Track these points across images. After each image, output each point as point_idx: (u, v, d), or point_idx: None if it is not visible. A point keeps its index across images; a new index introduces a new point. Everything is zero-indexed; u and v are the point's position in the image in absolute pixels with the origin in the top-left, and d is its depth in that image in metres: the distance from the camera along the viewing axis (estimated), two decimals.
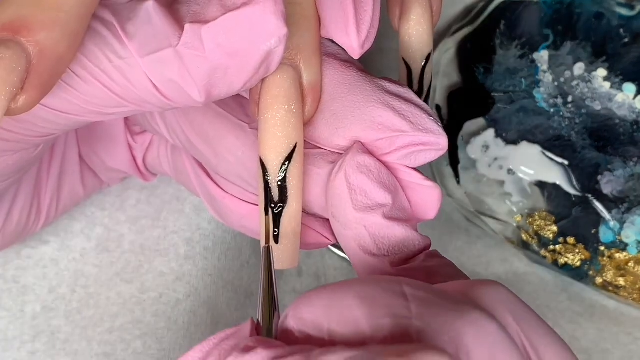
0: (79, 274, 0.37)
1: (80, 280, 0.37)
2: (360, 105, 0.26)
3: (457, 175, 0.41)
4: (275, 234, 0.26)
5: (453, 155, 0.41)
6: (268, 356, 0.20)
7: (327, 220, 0.28)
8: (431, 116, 0.26)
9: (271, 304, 0.25)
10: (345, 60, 0.27)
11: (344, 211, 0.26)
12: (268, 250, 0.26)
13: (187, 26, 0.23)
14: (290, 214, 0.26)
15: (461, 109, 0.42)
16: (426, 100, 0.32)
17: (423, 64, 0.31)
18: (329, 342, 0.21)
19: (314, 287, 0.40)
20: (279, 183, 0.26)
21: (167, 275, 0.38)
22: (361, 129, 0.26)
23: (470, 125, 0.41)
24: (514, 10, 0.42)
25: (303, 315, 0.21)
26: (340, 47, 0.28)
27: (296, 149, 0.26)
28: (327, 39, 0.28)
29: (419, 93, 0.31)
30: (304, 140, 0.27)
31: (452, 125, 0.42)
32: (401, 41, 0.30)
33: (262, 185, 0.26)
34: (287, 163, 0.26)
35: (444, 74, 0.42)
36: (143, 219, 0.39)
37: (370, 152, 0.26)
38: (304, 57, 0.26)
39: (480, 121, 0.41)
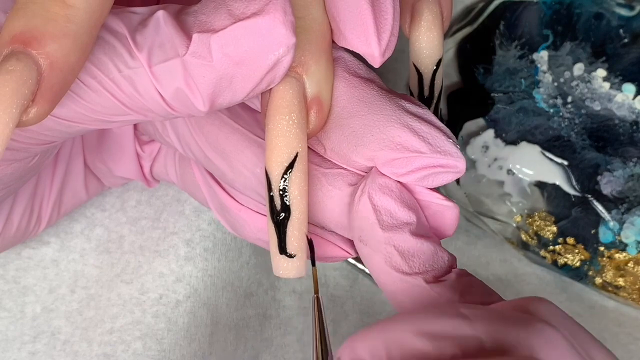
0: (79, 275, 0.37)
1: (80, 281, 0.37)
2: (380, 125, 0.26)
3: None
4: (281, 243, 0.27)
5: None
6: None
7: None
8: (450, 138, 0.26)
9: (324, 349, 0.26)
10: (367, 78, 0.28)
11: (372, 232, 0.26)
12: (318, 300, 0.27)
13: (195, 36, 0.24)
14: (293, 223, 0.27)
15: (461, 109, 0.42)
16: (437, 105, 0.32)
17: (434, 69, 0.31)
18: None
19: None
20: (281, 192, 0.26)
21: (166, 276, 0.38)
22: (379, 148, 0.26)
23: (470, 126, 0.41)
24: (513, 11, 0.42)
25: (358, 351, 0.22)
26: (360, 62, 0.28)
27: (298, 159, 0.26)
28: (347, 52, 0.28)
29: (429, 98, 0.31)
30: (325, 158, 0.28)
31: (451, 125, 0.42)
32: (412, 47, 0.31)
33: (266, 194, 0.27)
34: (288, 172, 0.26)
35: (444, 74, 0.42)
36: (143, 220, 0.39)
37: (387, 173, 0.27)
38: (305, 69, 0.26)
39: (479, 121, 0.41)
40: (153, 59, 0.24)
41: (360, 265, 0.41)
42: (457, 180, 0.41)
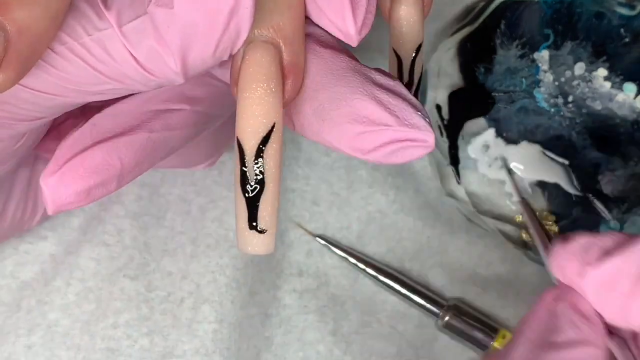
0: (74, 268, 0.37)
1: (75, 273, 0.37)
2: (346, 97, 0.25)
3: (457, 175, 0.41)
4: (251, 218, 0.25)
5: (454, 155, 0.41)
6: None
7: None
8: (419, 111, 0.25)
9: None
10: (337, 49, 0.26)
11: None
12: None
13: None
14: (267, 197, 0.25)
15: (462, 109, 0.42)
16: (416, 92, 0.31)
17: (414, 55, 0.30)
18: None
19: (314, 287, 0.40)
20: (256, 164, 0.25)
21: (174, 274, 0.37)
22: (345, 121, 0.25)
23: (470, 125, 0.41)
24: (514, 10, 0.42)
25: None
26: (331, 35, 0.27)
27: (274, 130, 0.25)
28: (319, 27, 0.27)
29: (409, 84, 0.31)
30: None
31: (452, 125, 0.42)
32: (391, 32, 0.30)
33: (238, 166, 0.25)
34: (265, 144, 0.25)
35: (444, 74, 0.42)
36: (145, 217, 0.38)
37: (354, 152, 0.26)
38: (284, 36, 0.25)
39: (480, 121, 0.41)
40: (122, 18, 0.23)
41: (360, 265, 0.41)
42: (458, 180, 0.41)
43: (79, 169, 0.26)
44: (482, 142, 0.41)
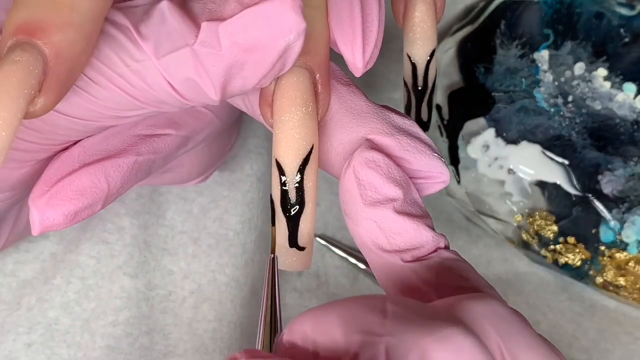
0: (74, 266, 0.37)
1: (75, 271, 0.37)
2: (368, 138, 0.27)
3: (457, 175, 0.41)
4: (292, 236, 0.26)
5: (453, 155, 0.41)
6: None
7: None
8: (435, 152, 0.27)
9: (273, 326, 0.26)
10: (354, 87, 0.27)
11: (355, 207, 0.26)
12: (274, 261, 0.26)
13: (204, 24, 0.23)
14: (307, 216, 0.26)
15: (462, 109, 0.42)
16: (431, 96, 0.32)
17: (427, 59, 0.31)
18: (313, 353, 0.21)
19: (314, 286, 0.40)
20: (297, 185, 0.26)
21: (175, 273, 0.37)
22: None
23: (470, 125, 0.41)
24: (514, 10, 0.42)
25: (295, 330, 0.22)
26: (344, 72, 0.28)
27: (312, 151, 0.26)
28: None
29: (423, 89, 0.31)
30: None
31: (452, 125, 0.42)
32: (405, 38, 0.31)
33: (278, 187, 0.26)
34: (305, 165, 0.26)
35: (444, 74, 0.42)
36: (145, 215, 0.38)
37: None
38: (317, 60, 0.26)
39: (480, 121, 0.41)
40: (160, 50, 0.23)
41: (361, 265, 0.41)
42: (458, 180, 0.41)
43: (68, 191, 0.27)
44: (482, 142, 0.41)
